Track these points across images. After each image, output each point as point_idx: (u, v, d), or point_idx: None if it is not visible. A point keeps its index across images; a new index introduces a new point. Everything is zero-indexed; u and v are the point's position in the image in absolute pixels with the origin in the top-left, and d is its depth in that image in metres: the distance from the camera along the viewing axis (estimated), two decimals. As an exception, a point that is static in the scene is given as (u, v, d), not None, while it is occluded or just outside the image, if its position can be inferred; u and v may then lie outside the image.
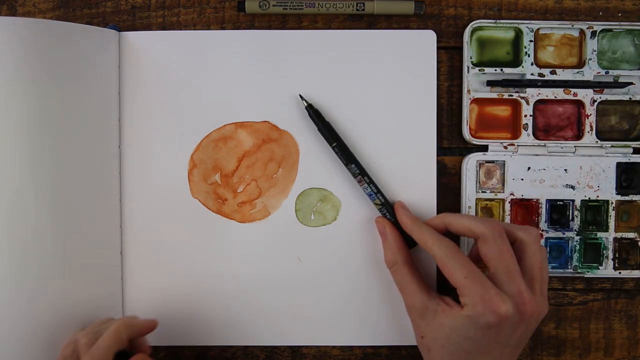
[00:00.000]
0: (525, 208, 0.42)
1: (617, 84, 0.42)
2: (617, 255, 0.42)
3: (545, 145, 0.42)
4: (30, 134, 0.38)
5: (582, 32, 0.42)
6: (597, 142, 0.42)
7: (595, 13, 0.43)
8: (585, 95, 0.42)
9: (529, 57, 0.42)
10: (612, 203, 0.42)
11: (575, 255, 0.42)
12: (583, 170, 0.42)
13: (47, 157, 0.38)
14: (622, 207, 0.42)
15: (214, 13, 0.43)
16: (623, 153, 0.42)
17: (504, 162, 0.42)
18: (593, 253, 0.43)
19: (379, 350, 0.43)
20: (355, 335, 0.43)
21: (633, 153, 0.42)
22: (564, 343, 0.44)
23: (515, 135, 0.42)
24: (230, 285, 0.42)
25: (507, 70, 0.42)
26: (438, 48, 0.42)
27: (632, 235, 0.42)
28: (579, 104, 0.42)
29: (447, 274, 0.35)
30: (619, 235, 0.42)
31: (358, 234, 0.42)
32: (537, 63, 0.42)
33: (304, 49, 0.42)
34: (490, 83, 0.42)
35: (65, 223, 0.39)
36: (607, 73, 0.42)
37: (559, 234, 0.42)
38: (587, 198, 0.42)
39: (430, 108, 0.42)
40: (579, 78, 0.42)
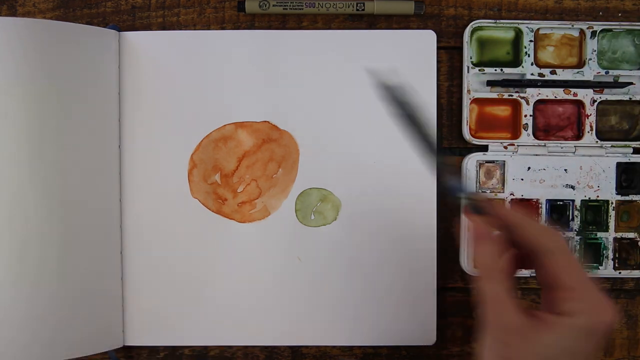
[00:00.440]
0: (525, 208, 0.42)
1: (617, 84, 0.42)
2: (617, 255, 0.42)
3: (545, 145, 0.42)
4: (30, 134, 0.38)
5: (582, 32, 0.42)
6: (597, 142, 0.42)
7: (595, 13, 0.43)
8: (585, 95, 0.42)
9: (529, 57, 0.42)
10: (612, 203, 0.42)
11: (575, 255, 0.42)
12: (583, 170, 0.42)
13: (47, 157, 0.38)
14: (622, 207, 0.42)
15: (214, 13, 0.43)
16: (623, 153, 0.42)
17: (504, 162, 0.42)
18: (593, 253, 0.42)
19: (379, 350, 0.43)
20: (355, 335, 0.43)
21: (633, 153, 0.42)
22: (564, 343, 0.44)
23: (515, 135, 0.42)
24: (230, 285, 0.42)
25: (507, 70, 0.42)
26: (438, 48, 0.42)
27: (632, 235, 0.42)
28: (579, 104, 0.42)
29: (554, 274, 0.29)
30: (619, 235, 0.42)
31: (358, 234, 0.42)
32: (537, 63, 0.42)
33: (304, 49, 0.42)
34: (490, 83, 0.42)
35: (65, 223, 0.39)
36: (607, 73, 0.42)
37: (559, 234, 0.42)
38: (587, 198, 0.42)
39: (430, 108, 0.42)
40: (579, 78, 0.42)
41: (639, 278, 0.43)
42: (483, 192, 0.42)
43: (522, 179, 0.42)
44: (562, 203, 0.42)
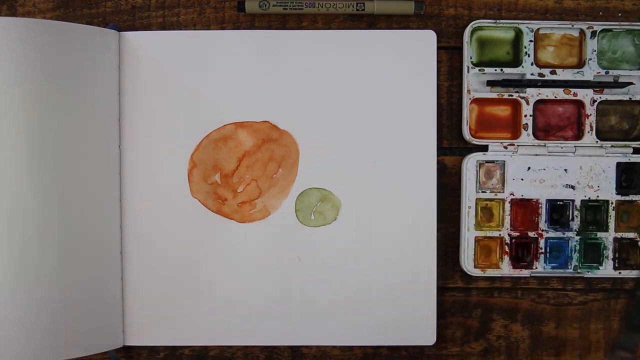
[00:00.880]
0: (525, 208, 0.42)
1: (617, 84, 0.42)
2: (617, 255, 0.42)
3: (545, 145, 0.42)
4: (30, 134, 0.38)
5: (582, 32, 0.42)
6: (597, 142, 0.42)
7: (595, 13, 0.43)
8: (585, 95, 0.42)
9: (529, 57, 0.42)
10: (612, 203, 0.42)
11: (575, 255, 0.42)
12: (583, 170, 0.42)
13: (46, 157, 0.38)
14: (622, 207, 0.42)
15: (214, 13, 0.43)
16: (623, 153, 0.42)
17: (504, 162, 0.42)
18: (593, 253, 0.43)
19: (379, 350, 0.43)
20: (355, 335, 0.43)
21: (633, 153, 0.42)
22: (564, 343, 0.44)
23: (515, 135, 0.42)
24: (230, 285, 0.42)
25: (507, 70, 0.42)
26: (438, 48, 0.42)
27: (632, 235, 0.42)
28: (579, 104, 0.42)
29: None
30: (619, 235, 0.42)
31: (358, 234, 0.42)
32: (537, 63, 0.42)
33: (304, 49, 0.42)
34: (490, 83, 0.42)
35: (65, 223, 0.39)
36: (607, 73, 0.42)
37: (559, 234, 0.42)
38: (587, 198, 0.42)
39: (430, 108, 0.42)
40: (579, 78, 0.42)
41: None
42: (483, 192, 0.42)
43: (522, 179, 0.42)
44: (562, 203, 0.42)
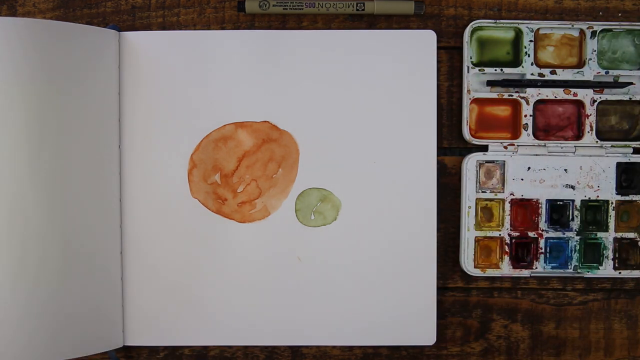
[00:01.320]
0: (525, 208, 0.42)
1: (617, 84, 0.42)
2: (617, 255, 0.42)
3: (545, 145, 0.42)
4: (30, 134, 0.38)
5: (582, 32, 0.42)
6: (597, 142, 0.42)
7: (595, 13, 0.43)
8: (585, 95, 0.42)
9: (529, 57, 0.42)
10: (612, 203, 0.42)
11: (575, 255, 0.42)
12: (583, 170, 0.42)
13: (46, 157, 0.38)
14: (622, 207, 0.42)
15: (214, 13, 0.43)
16: (623, 153, 0.42)
17: (504, 162, 0.42)
18: (593, 253, 0.43)
19: (379, 350, 0.43)
20: (355, 335, 0.43)
21: (633, 153, 0.42)
22: (564, 343, 0.44)
23: (515, 135, 0.42)
24: (230, 285, 0.42)
25: (507, 70, 0.42)
26: (438, 48, 0.42)
27: (632, 235, 0.42)
28: (579, 104, 0.42)
29: None
30: (619, 235, 0.42)
31: (358, 234, 0.42)
32: (537, 63, 0.42)
33: (304, 49, 0.42)
34: (490, 83, 0.42)
35: (65, 223, 0.39)
36: (607, 73, 0.42)
37: (559, 234, 0.42)
38: (587, 198, 0.42)
39: (430, 108, 0.42)
40: (579, 78, 0.42)
41: (639, 278, 0.43)
42: (483, 192, 0.42)
43: (522, 179, 0.42)
44: (562, 203, 0.42)
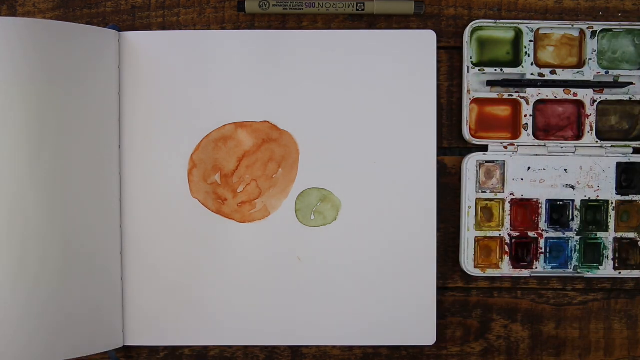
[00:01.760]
0: (525, 208, 0.42)
1: (617, 84, 0.42)
2: (617, 255, 0.42)
3: (545, 145, 0.42)
4: (30, 134, 0.38)
5: (582, 32, 0.42)
6: (597, 142, 0.42)
7: (595, 13, 0.43)
8: (585, 95, 0.42)
9: (529, 57, 0.42)
10: (612, 203, 0.42)
11: (575, 255, 0.42)
12: (583, 170, 0.42)
13: (46, 157, 0.38)
14: (622, 207, 0.42)
15: (214, 13, 0.43)
16: (623, 153, 0.42)
17: (504, 162, 0.42)
18: (593, 253, 0.43)
19: (379, 350, 0.43)
20: (355, 335, 0.43)
21: (633, 153, 0.42)
22: (564, 343, 0.44)
23: (515, 135, 0.42)
24: (230, 285, 0.42)
25: (507, 70, 0.42)
26: (438, 48, 0.42)
27: (632, 235, 0.42)
28: (579, 104, 0.42)
29: None
30: (619, 235, 0.42)
31: (358, 234, 0.42)
32: (537, 63, 0.42)
33: (304, 49, 0.42)
34: (490, 83, 0.42)
35: (65, 223, 0.39)
36: (607, 73, 0.42)
37: (559, 234, 0.42)
38: (587, 198, 0.42)
39: (430, 108, 0.42)
40: (579, 78, 0.42)
41: (639, 278, 0.43)
42: (483, 192, 0.42)
43: (522, 179, 0.42)
44: (562, 203, 0.42)
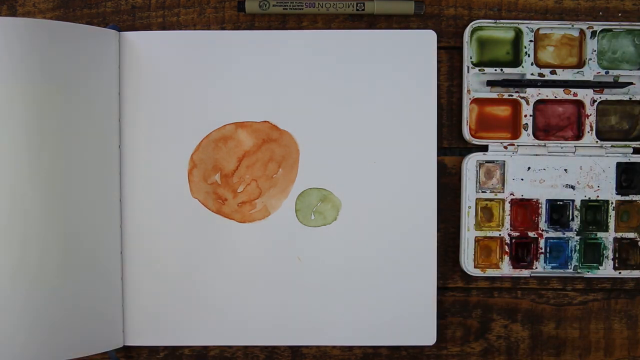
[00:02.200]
0: (525, 208, 0.42)
1: (617, 84, 0.42)
2: (617, 255, 0.42)
3: (545, 145, 0.42)
4: (30, 134, 0.38)
5: (582, 32, 0.42)
6: (597, 142, 0.42)
7: (595, 13, 0.43)
8: (585, 95, 0.42)
9: (529, 57, 0.42)
10: (612, 203, 0.42)
11: (575, 255, 0.42)
12: (583, 170, 0.42)
13: (46, 157, 0.38)
14: (622, 207, 0.42)
15: (214, 13, 0.43)
16: (623, 153, 0.42)
17: (504, 162, 0.42)
18: (593, 253, 0.43)
19: (379, 350, 0.43)
20: (355, 335, 0.43)
21: (633, 153, 0.42)
22: (564, 343, 0.44)
23: (515, 135, 0.42)
24: (230, 285, 0.42)
25: (507, 70, 0.42)
26: (438, 48, 0.42)
27: (632, 235, 0.42)
28: (579, 104, 0.42)
29: None
30: (619, 235, 0.42)
31: (358, 234, 0.42)
32: (537, 63, 0.42)
33: (304, 49, 0.42)
34: (490, 83, 0.42)
35: (65, 223, 0.39)
36: (607, 73, 0.42)
37: (559, 234, 0.42)
38: (587, 198, 0.42)
39: (430, 108, 0.42)
40: (579, 78, 0.42)
41: (639, 278, 0.43)
42: (483, 192, 0.42)
43: (522, 179, 0.42)
44: (562, 203, 0.42)
